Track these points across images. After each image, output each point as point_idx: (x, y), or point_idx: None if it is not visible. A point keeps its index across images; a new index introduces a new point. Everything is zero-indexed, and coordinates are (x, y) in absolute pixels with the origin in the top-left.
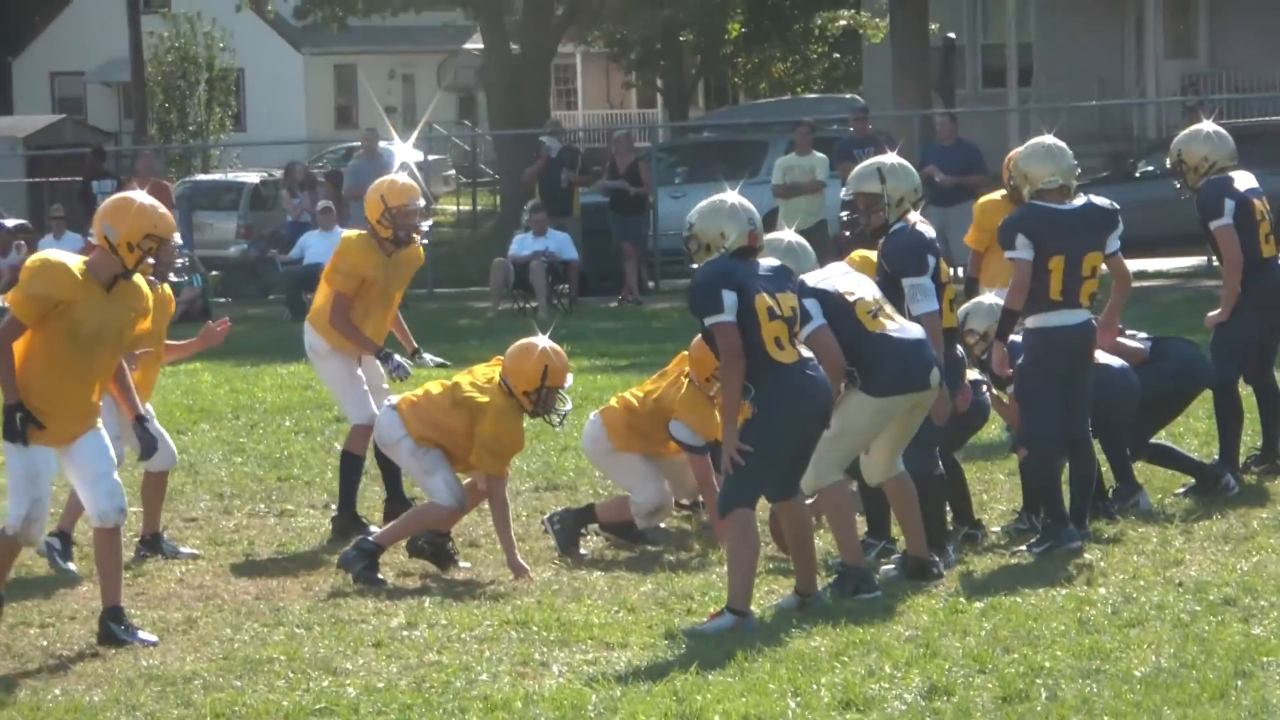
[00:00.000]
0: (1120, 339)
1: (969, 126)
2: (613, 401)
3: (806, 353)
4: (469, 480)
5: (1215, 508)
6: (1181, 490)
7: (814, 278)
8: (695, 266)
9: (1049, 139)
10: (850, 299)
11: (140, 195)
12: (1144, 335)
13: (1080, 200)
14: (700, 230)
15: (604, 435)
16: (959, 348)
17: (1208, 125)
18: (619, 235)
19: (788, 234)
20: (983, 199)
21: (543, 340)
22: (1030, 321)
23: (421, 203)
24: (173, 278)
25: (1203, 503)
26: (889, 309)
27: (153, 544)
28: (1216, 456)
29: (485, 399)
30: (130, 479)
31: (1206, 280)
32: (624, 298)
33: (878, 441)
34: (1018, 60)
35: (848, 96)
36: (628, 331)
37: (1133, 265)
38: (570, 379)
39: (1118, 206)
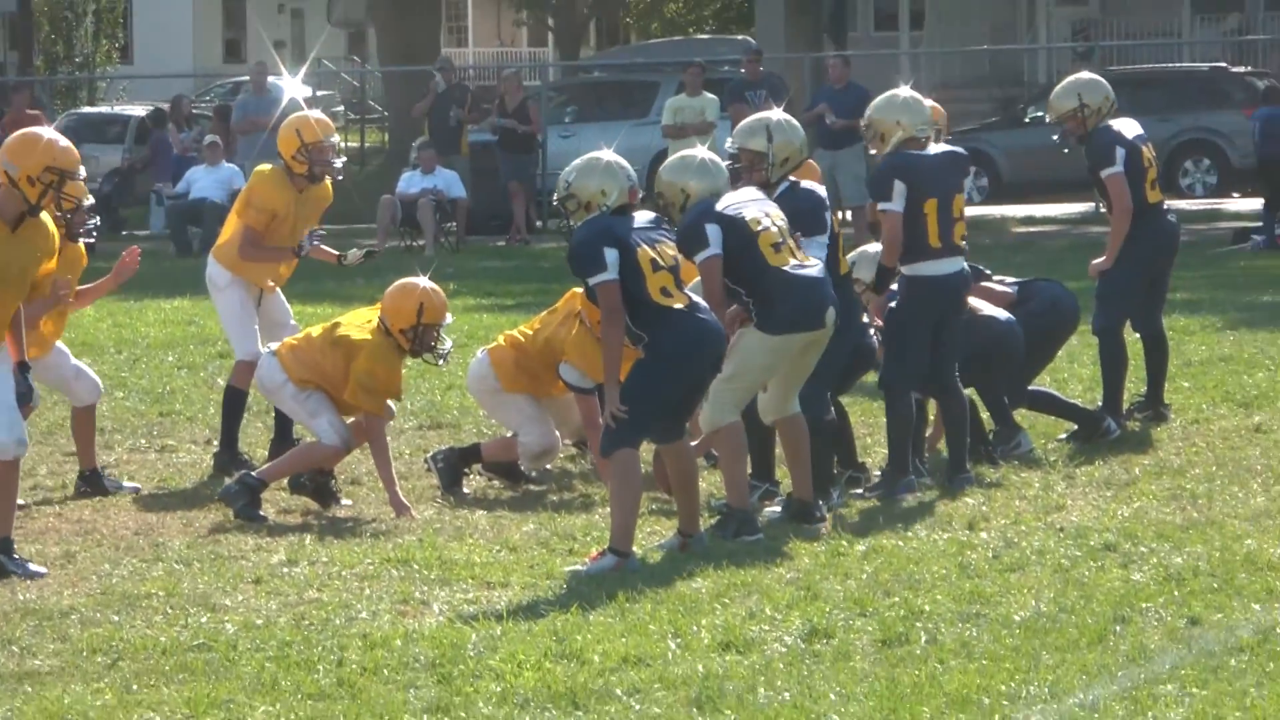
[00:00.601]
0: (987, 284)
1: (860, 70)
2: (500, 340)
3: (697, 298)
4: (353, 420)
5: (1097, 453)
6: (1064, 436)
7: (725, 201)
8: (572, 225)
9: (904, 90)
10: (756, 228)
11: (45, 130)
12: (1011, 279)
13: (936, 147)
14: (579, 188)
15: (491, 374)
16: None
17: (1085, 74)
18: (507, 174)
19: (701, 150)
20: None
21: (421, 279)
22: (907, 269)
23: (336, 139)
24: (83, 238)
25: (1084, 448)
26: (792, 243)
27: (92, 480)
28: (1100, 402)
29: (363, 338)
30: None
31: (1093, 226)
32: (512, 237)
33: (773, 380)
34: (909, 4)
35: (740, 38)
36: (515, 270)
37: (1020, 210)
38: (449, 317)
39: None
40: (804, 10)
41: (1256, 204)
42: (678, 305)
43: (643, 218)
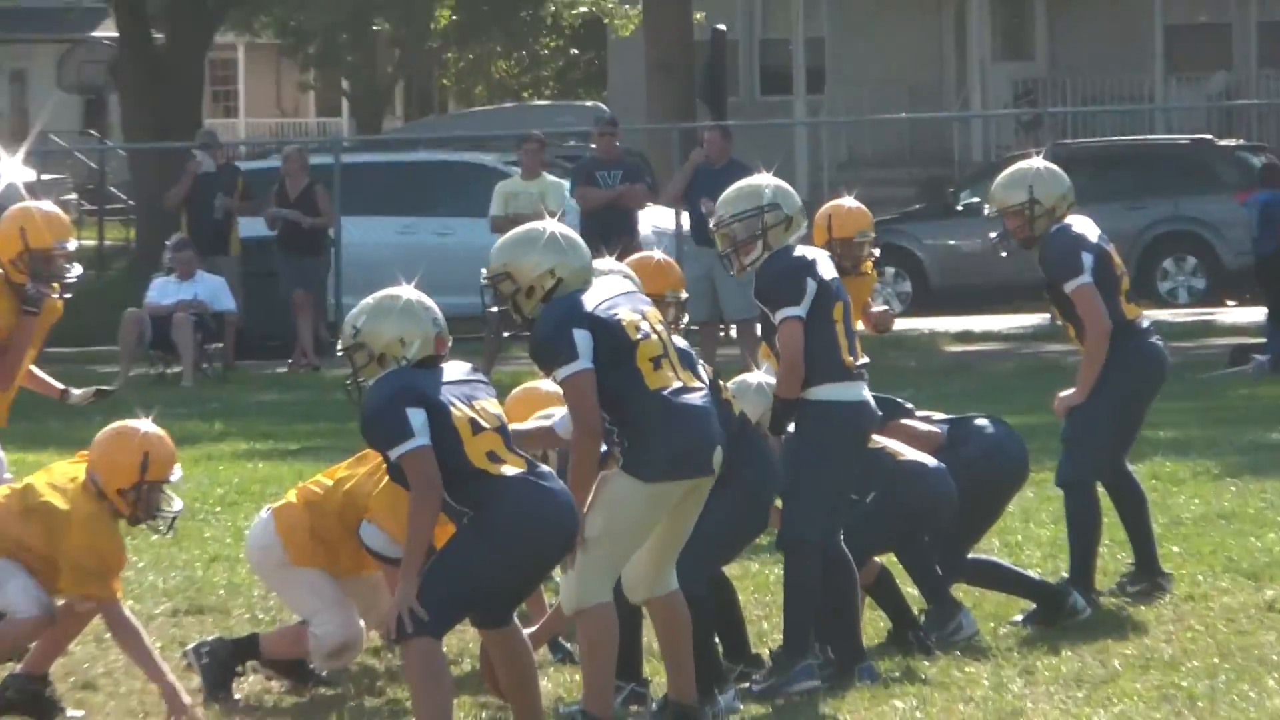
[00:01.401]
0: (909, 421)
1: (744, 143)
2: (290, 495)
3: (545, 466)
4: (65, 602)
5: (1064, 640)
6: (1019, 618)
7: (596, 296)
8: (362, 384)
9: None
10: (634, 336)
11: None
12: (939, 416)
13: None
14: (370, 336)
15: (277, 542)
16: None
17: (1038, 161)
18: (289, 281)
19: (552, 223)
20: None
21: (141, 423)
22: (814, 394)
23: (73, 244)
24: None
25: (1047, 633)
26: (674, 355)
27: None
28: (1064, 573)
29: (65, 505)
30: None
31: (1048, 344)
32: (296, 361)
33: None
34: (805, 60)
35: (589, 104)
36: (300, 406)
37: (953, 324)
38: (178, 471)
39: None
40: (671, 69)
41: (1258, 314)
42: (511, 470)
43: (456, 370)
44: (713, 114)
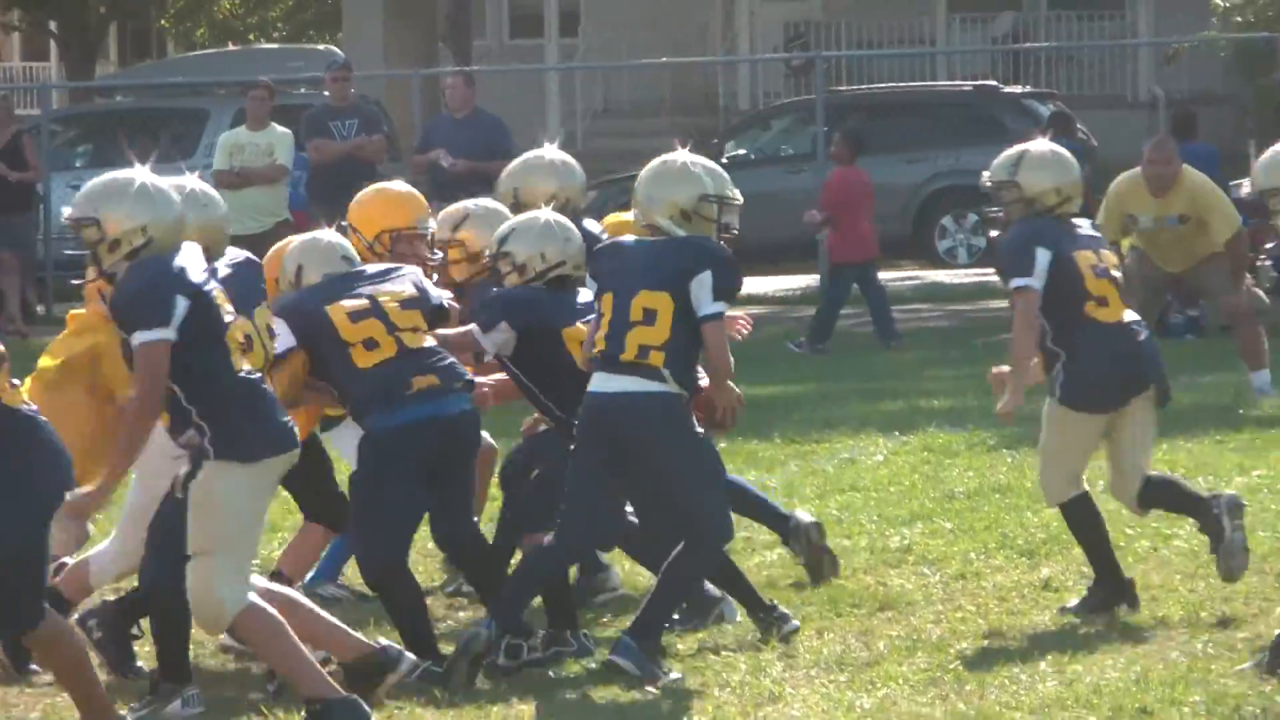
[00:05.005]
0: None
1: (491, 91)
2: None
3: None
4: None
5: (827, 622)
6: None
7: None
8: None
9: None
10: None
11: None
12: None
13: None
14: None
15: None
16: None
17: None
18: None
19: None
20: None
21: None
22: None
23: None
24: None
25: (809, 615)
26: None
27: None
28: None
29: None
30: None
31: (813, 308)
32: (1, 328)
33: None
34: (558, 1)
35: (321, 48)
36: None
37: None
38: None
39: None
40: (410, 10)
41: None
42: None
43: None
44: (457, 60)
